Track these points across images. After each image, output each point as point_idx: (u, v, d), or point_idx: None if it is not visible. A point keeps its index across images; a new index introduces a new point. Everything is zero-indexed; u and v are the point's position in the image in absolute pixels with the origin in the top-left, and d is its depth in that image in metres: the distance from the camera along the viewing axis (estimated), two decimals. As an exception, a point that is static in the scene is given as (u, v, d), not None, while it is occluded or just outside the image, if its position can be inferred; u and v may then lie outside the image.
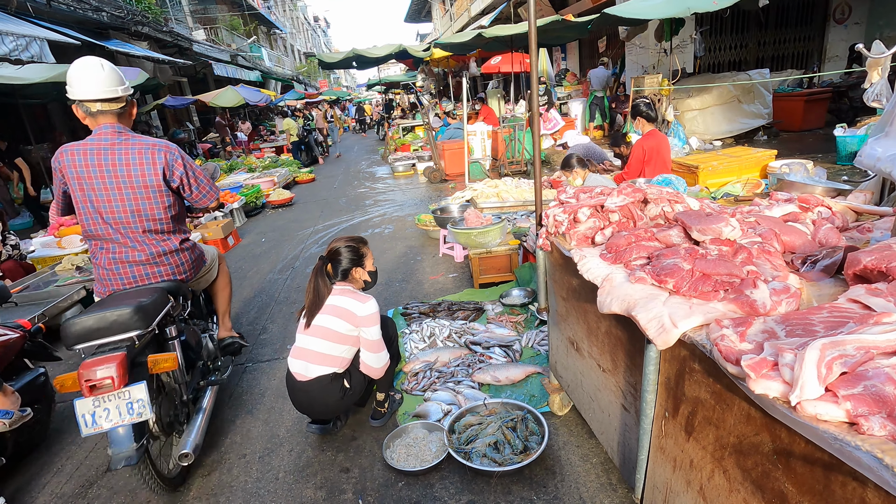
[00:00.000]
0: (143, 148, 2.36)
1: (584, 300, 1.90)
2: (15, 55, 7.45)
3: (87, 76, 2.24)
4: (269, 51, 32.46)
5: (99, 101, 2.28)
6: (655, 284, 1.44)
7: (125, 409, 1.99)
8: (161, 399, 2.27)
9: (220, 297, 3.07)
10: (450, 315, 3.80)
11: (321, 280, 2.38)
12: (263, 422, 2.81)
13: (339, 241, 2.49)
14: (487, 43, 10.65)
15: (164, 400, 2.31)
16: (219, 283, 3.03)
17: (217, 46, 20.87)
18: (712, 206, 1.93)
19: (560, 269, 2.09)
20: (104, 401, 1.98)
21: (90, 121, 2.34)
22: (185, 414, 2.45)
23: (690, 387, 1.28)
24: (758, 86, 9.56)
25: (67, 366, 3.57)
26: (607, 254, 1.72)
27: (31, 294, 4.58)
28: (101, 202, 2.32)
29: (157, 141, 2.43)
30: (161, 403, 2.25)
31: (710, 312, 1.27)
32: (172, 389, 2.38)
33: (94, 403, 1.98)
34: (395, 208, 7.84)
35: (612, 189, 1.95)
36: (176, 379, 2.38)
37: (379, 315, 2.40)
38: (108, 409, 1.98)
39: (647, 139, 4.60)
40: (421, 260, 5.23)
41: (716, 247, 1.47)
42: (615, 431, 1.80)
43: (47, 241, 6.16)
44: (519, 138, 9.36)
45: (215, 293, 3.07)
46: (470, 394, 2.75)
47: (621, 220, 1.91)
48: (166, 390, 2.35)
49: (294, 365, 2.41)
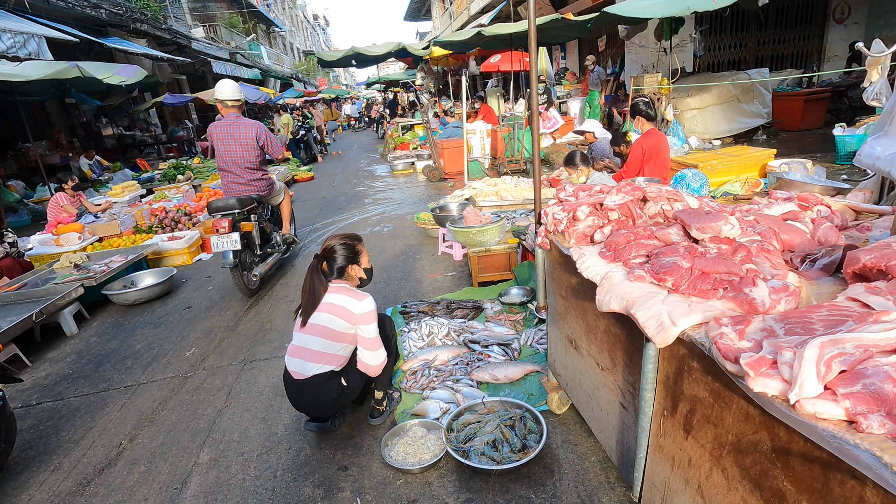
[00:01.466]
0: (248, 124, 4.59)
1: (582, 298, 1.89)
2: (13, 52, 7.43)
3: (227, 88, 4.54)
4: (269, 49, 32.39)
5: (230, 101, 4.54)
6: (654, 283, 1.44)
7: (230, 242, 4.22)
8: (245, 243, 4.47)
9: (284, 211, 5.33)
10: (448, 313, 3.79)
11: (317, 278, 2.37)
12: (262, 420, 2.80)
13: (333, 239, 2.48)
14: (487, 41, 10.64)
15: (247, 246, 4.56)
16: (283, 203, 5.29)
17: (216, 44, 20.82)
18: (711, 205, 1.93)
19: (559, 268, 2.09)
20: (221, 237, 4.22)
21: (225, 110, 4.58)
22: (257, 260, 4.76)
23: (689, 385, 1.28)
24: (757, 85, 9.56)
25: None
26: (606, 252, 1.71)
27: (28, 292, 4.56)
28: (227, 152, 4.55)
29: (254, 122, 4.64)
30: (245, 246, 4.49)
31: (709, 310, 1.27)
32: (251, 242, 4.66)
33: (217, 238, 4.23)
34: (394, 207, 7.83)
35: (611, 187, 1.95)
36: (252, 239, 4.65)
37: (376, 313, 2.39)
38: (223, 241, 4.21)
39: (646, 138, 4.59)
40: (420, 258, 5.22)
41: (715, 245, 1.47)
42: (613, 430, 1.80)
43: (45, 239, 6.15)
44: (518, 137, 9.35)
45: (281, 209, 5.31)
46: (468, 392, 2.75)
47: (620, 218, 1.90)
48: (248, 241, 4.58)
49: (291, 363, 2.40)
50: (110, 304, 4.89)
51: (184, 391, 3.20)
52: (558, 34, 11.68)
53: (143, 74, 8.84)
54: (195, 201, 7.45)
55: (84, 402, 3.23)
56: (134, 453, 2.65)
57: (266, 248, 4.95)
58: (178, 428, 2.82)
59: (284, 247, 5.24)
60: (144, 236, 6.17)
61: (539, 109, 9.89)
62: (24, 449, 2.79)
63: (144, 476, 2.46)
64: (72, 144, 13.76)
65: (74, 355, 3.94)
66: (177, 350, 3.79)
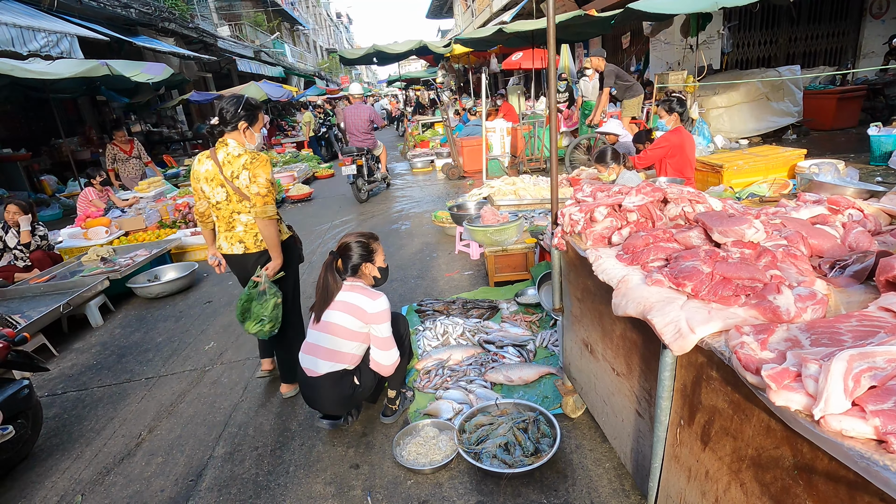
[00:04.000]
0: (365, 107, 8.28)
1: (599, 302, 1.85)
2: (45, 51, 7.67)
3: (356, 89, 8.75)
4: (292, 47, 32.77)
5: (356, 95, 8.55)
6: (673, 287, 1.39)
7: (351, 169, 7.88)
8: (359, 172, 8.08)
9: (382, 159, 9.00)
10: (464, 313, 3.77)
11: (330, 275, 2.38)
12: (276, 415, 2.83)
13: (349, 237, 2.48)
14: (508, 39, 10.55)
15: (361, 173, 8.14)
16: (381, 154, 8.92)
17: (241, 42, 21.15)
18: (735, 207, 1.87)
19: (575, 270, 2.05)
20: (347, 167, 7.89)
21: (354, 99, 8.55)
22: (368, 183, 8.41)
23: (707, 395, 1.23)
24: (787, 83, 9.26)
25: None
26: (624, 255, 1.67)
27: (57, 283, 4.70)
28: (352, 122, 8.21)
29: (369, 107, 8.42)
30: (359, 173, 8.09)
31: (729, 318, 1.22)
32: (362, 171, 8.14)
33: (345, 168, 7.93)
34: (413, 205, 7.83)
35: (630, 188, 1.90)
36: (361, 171, 8.12)
37: (390, 312, 2.38)
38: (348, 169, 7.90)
39: (673, 134, 4.50)
40: (437, 257, 5.21)
41: (738, 249, 1.42)
42: (628, 437, 1.76)
43: (74, 233, 6.34)
44: (539, 136, 9.26)
45: (380, 157, 8.93)
46: (482, 393, 2.73)
47: (639, 220, 1.85)
48: (361, 171, 8.13)
49: (304, 360, 2.41)
50: (134, 297, 5.01)
51: (202, 384, 3.25)
52: (581, 31, 11.50)
53: (170, 72, 9.02)
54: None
55: (107, 392, 3.31)
56: (153, 444, 2.70)
57: (370, 177, 8.58)
58: (195, 420, 2.86)
59: (381, 179, 9.02)
60: (168, 231, 6.31)
61: (560, 108, 9.84)
62: (49, 437, 2.88)
63: (161, 467, 2.50)
64: (102, 141, 14.19)
65: (99, 346, 4.05)
66: (196, 343, 3.86)
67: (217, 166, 2.56)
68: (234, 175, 2.53)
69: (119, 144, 8.45)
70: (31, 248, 5.35)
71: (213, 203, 2.66)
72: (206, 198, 2.67)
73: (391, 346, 2.41)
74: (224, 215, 2.66)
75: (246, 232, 2.68)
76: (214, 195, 2.62)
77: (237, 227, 2.68)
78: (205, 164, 2.62)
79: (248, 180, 2.51)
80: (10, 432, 2.39)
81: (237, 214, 2.64)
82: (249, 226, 2.67)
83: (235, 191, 2.55)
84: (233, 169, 2.53)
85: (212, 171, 2.59)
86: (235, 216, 2.65)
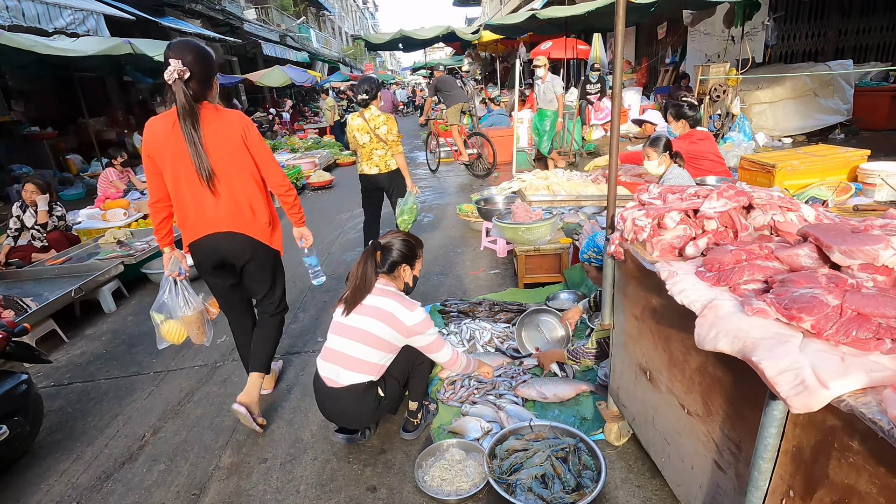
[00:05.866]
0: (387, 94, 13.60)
1: (665, 324, 1.56)
2: (71, 28, 7.57)
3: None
4: (318, 32, 32.58)
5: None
6: (783, 321, 1.10)
7: None
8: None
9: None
10: (491, 316, 3.51)
11: (371, 264, 2.16)
12: (288, 422, 2.61)
13: (396, 234, 2.30)
14: (540, 25, 10.13)
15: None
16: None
17: (267, 26, 21.02)
18: (829, 217, 1.55)
19: (634, 283, 1.76)
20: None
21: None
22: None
23: (840, 470, 0.95)
24: (838, 78, 8.68)
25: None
26: (706, 272, 1.38)
27: (72, 266, 4.58)
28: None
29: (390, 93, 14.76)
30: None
31: (875, 370, 0.93)
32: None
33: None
34: (436, 196, 7.57)
35: (708, 189, 1.60)
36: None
37: (430, 318, 2.15)
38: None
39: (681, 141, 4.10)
40: (461, 252, 4.94)
41: (868, 275, 1.12)
42: (701, 490, 1.47)
43: (93, 214, 6.24)
44: (569, 128, 8.86)
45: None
46: (513, 410, 2.47)
47: (719, 229, 1.55)
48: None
49: (324, 368, 2.18)
50: (150, 283, 4.86)
51: (211, 382, 3.06)
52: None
53: (193, 53, 8.86)
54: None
55: (113, 385, 3.15)
56: (156, 448, 2.51)
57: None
58: (202, 423, 2.67)
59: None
60: (186, 215, 6.17)
61: (591, 100, 9.37)
62: (51, 432, 2.72)
63: (163, 476, 2.31)
64: (128, 121, 14.21)
65: (110, 334, 3.91)
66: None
67: (365, 122, 4.04)
68: (375, 127, 4.03)
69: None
70: (48, 228, 5.25)
71: (360, 143, 4.09)
72: (356, 142, 4.08)
73: (441, 345, 2.22)
74: (367, 151, 4.11)
75: (380, 160, 4.14)
76: (362, 139, 4.07)
77: (374, 157, 4.13)
78: (357, 120, 4.09)
79: (385, 130, 4.03)
80: (4, 432, 2.22)
81: (374, 151, 4.11)
82: (381, 157, 4.13)
83: (376, 136, 4.03)
84: (375, 123, 4.03)
85: (362, 124, 4.05)
86: (373, 151, 4.11)
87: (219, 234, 2.30)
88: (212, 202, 2.25)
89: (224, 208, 2.27)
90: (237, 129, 2.22)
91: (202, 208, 2.25)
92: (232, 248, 2.35)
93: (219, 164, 2.20)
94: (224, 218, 2.28)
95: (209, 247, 2.33)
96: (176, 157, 2.16)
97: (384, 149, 4.07)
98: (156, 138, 2.17)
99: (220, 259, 2.38)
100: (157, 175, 2.25)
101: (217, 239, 2.31)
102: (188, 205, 2.25)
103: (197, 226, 2.29)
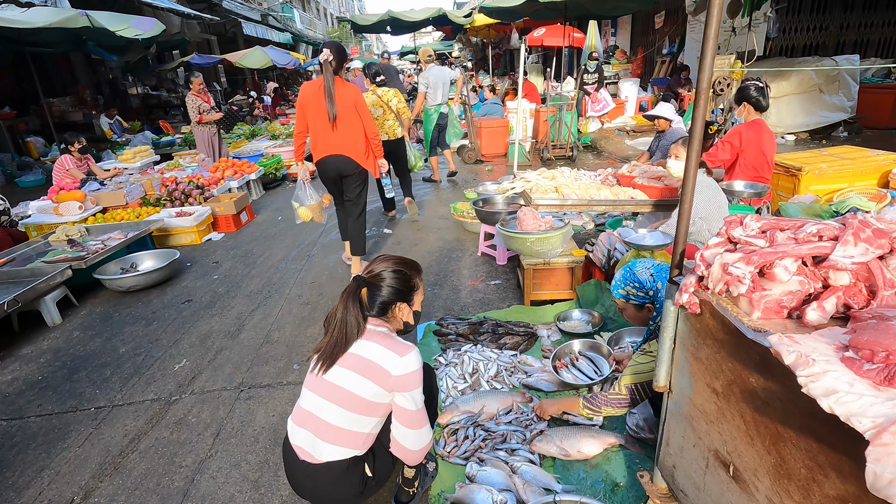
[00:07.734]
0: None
1: (778, 419, 1.12)
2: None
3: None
4: (302, 12, 31.38)
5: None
6: None
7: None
8: None
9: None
10: (495, 339, 3.05)
11: (353, 308, 1.61)
12: (253, 484, 2.13)
13: (385, 262, 1.73)
14: (538, 9, 9.59)
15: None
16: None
17: (248, 4, 19.98)
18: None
19: (715, 347, 1.31)
20: None
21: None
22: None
23: None
24: (844, 74, 8.34)
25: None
26: (860, 360, 0.93)
27: (10, 271, 3.98)
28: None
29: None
30: None
31: None
32: None
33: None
34: (427, 191, 7.05)
35: (835, 228, 1.14)
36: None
37: (423, 373, 1.65)
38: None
39: (747, 129, 3.72)
40: (457, 258, 4.47)
41: None
42: None
43: (45, 206, 5.57)
44: (565, 120, 8.39)
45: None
46: (529, 474, 2.02)
47: (850, 283, 1.11)
48: None
49: (297, 436, 1.67)
50: (103, 290, 4.29)
51: (163, 424, 2.55)
52: (618, 5, 10.54)
53: (161, 28, 8.10)
54: (211, 171, 6.80)
55: (45, 425, 2.62)
56: (85, 519, 2.02)
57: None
58: (145, 484, 2.17)
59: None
60: (151, 209, 5.56)
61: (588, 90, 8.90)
62: (-42, 492, 2.20)
63: (89, 565, 1.82)
64: (96, 102, 13.29)
65: (51, 354, 3.36)
66: (165, 360, 3.16)
67: (378, 98, 5.05)
68: (388, 100, 5.10)
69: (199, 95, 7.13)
70: (-14, 224, 4.63)
71: (375, 115, 4.92)
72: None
73: (422, 422, 1.66)
74: (380, 122, 5.06)
75: (389, 129, 5.19)
76: (375, 112, 4.97)
77: (385, 126, 5.13)
78: (371, 97, 5.01)
79: (396, 101, 5.17)
80: None
81: (385, 121, 5.12)
82: (390, 126, 5.19)
83: (389, 109, 5.11)
84: (388, 97, 5.10)
85: (376, 100, 5.04)
86: (384, 122, 5.12)
87: (336, 156, 3.77)
88: (333, 135, 3.70)
89: (340, 139, 3.72)
90: (352, 96, 3.68)
91: (328, 138, 3.71)
92: (342, 164, 3.80)
93: (340, 113, 3.63)
94: (340, 145, 3.73)
95: (330, 162, 3.80)
96: (317, 107, 3.62)
97: (394, 119, 5.16)
98: (307, 95, 3.66)
99: (336, 170, 3.83)
100: (304, 117, 3.72)
101: (335, 158, 3.78)
102: (319, 136, 3.72)
103: (324, 149, 3.76)
